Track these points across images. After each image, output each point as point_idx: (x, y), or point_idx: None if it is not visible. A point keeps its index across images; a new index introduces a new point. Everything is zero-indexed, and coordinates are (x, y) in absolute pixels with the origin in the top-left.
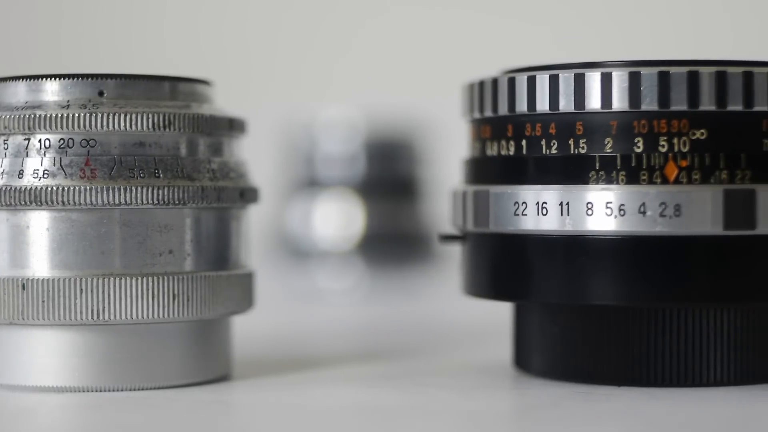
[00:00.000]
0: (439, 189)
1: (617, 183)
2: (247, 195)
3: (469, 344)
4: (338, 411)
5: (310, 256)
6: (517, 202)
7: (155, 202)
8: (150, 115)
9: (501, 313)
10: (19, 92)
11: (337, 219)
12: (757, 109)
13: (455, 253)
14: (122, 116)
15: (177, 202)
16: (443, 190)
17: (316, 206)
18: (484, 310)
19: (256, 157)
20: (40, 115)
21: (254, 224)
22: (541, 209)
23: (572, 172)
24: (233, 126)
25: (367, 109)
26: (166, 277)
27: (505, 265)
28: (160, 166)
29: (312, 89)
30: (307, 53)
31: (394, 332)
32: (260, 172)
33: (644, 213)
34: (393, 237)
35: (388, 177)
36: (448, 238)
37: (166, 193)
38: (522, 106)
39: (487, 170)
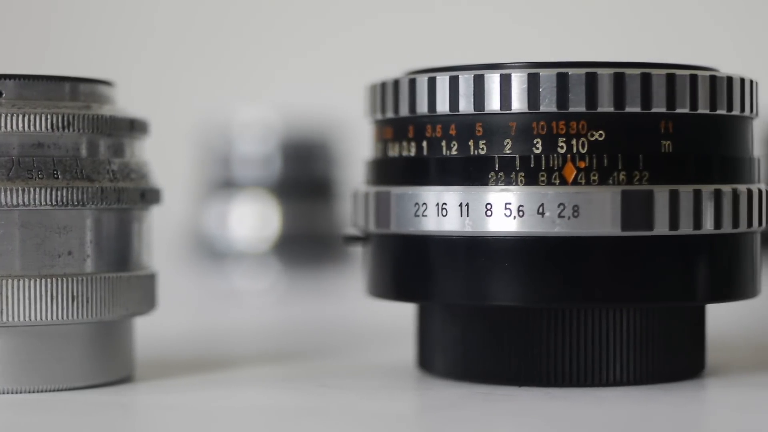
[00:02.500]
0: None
1: (516, 184)
2: (149, 196)
3: (375, 345)
4: (236, 412)
5: (226, 256)
6: (417, 203)
7: (54, 203)
8: (49, 116)
9: (410, 314)
10: None
11: (253, 220)
12: (654, 110)
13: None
14: (21, 117)
15: (76, 203)
16: None
17: (232, 207)
18: (394, 310)
19: (173, 158)
20: None
21: (170, 225)
22: (441, 210)
23: (472, 173)
24: (134, 127)
25: (283, 109)
26: (65, 279)
27: (407, 266)
28: (59, 167)
29: (228, 90)
30: (224, 54)
31: (306, 333)
32: (177, 172)
33: (543, 214)
34: (309, 238)
35: (303, 178)
36: (351, 239)
37: (65, 194)
38: (423, 108)
39: (388, 171)
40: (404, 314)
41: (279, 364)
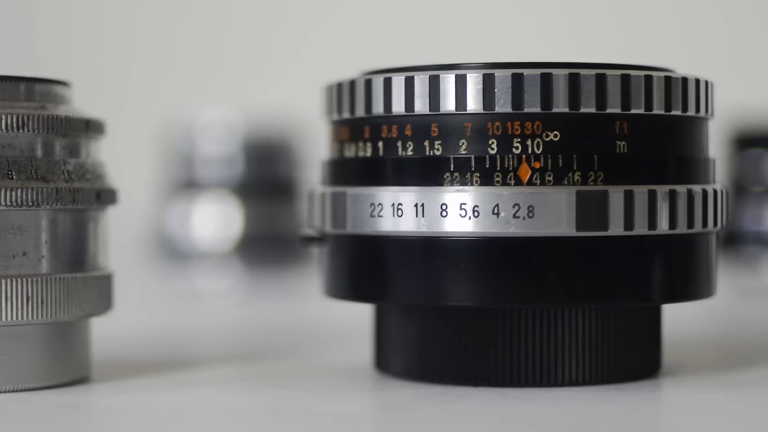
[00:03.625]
0: None
1: (471, 184)
2: (105, 196)
3: (334, 346)
4: (191, 414)
5: (189, 257)
6: (373, 204)
7: (8, 203)
8: (4, 116)
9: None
10: None
11: (216, 220)
12: (609, 111)
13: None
14: None
15: (31, 203)
16: None
17: (194, 207)
18: (355, 311)
19: (136, 158)
20: None
21: (134, 225)
22: (397, 211)
23: (427, 173)
24: (90, 127)
25: (246, 110)
26: (20, 279)
27: (363, 266)
28: (13, 167)
29: (191, 91)
30: (187, 55)
31: (266, 334)
32: (140, 173)
33: (498, 214)
34: (271, 238)
35: (266, 178)
36: (307, 239)
37: (19, 194)
38: (378, 108)
39: (344, 172)
40: (365, 315)
41: (236, 364)
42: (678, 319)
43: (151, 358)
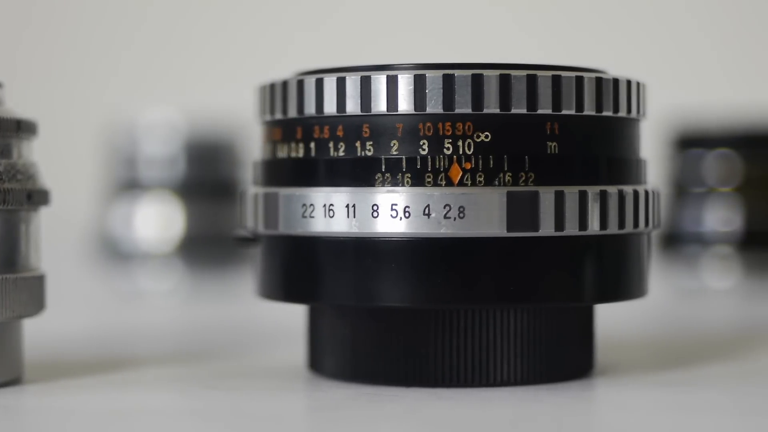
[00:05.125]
0: None
1: (403, 185)
2: (36, 197)
3: (271, 346)
4: (121, 415)
5: (131, 257)
6: (305, 205)
7: None
8: None
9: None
10: None
11: (157, 221)
12: (540, 112)
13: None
14: None
15: None
16: None
17: (137, 208)
18: (291, 311)
19: (79, 159)
20: None
21: (76, 226)
22: (329, 211)
23: (359, 174)
24: (21, 128)
25: (188, 110)
26: None
27: (295, 267)
28: None
29: (134, 91)
30: (129, 55)
31: (204, 335)
32: (82, 173)
33: (429, 215)
34: (213, 239)
35: (208, 179)
36: (241, 240)
37: None
38: (310, 109)
39: (277, 172)
40: (302, 315)
41: (171, 365)
42: (613, 319)
43: (87, 359)
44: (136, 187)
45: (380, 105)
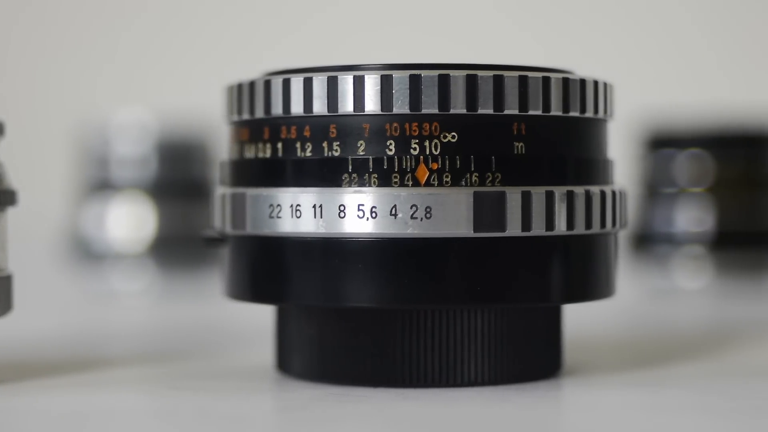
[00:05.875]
0: None
1: (369, 185)
2: (3, 198)
3: (240, 347)
4: (85, 415)
5: (103, 258)
6: (272, 205)
7: None
8: None
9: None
10: None
11: (129, 221)
12: (507, 112)
13: None
14: None
15: None
16: None
17: (109, 208)
18: (261, 312)
19: (52, 159)
20: None
21: (48, 226)
22: (296, 212)
23: (326, 174)
24: None
25: (160, 111)
26: None
27: (263, 267)
28: None
29: (104, 91)
30: (100, 55)
31: (174, 335)
32: (55, 174)
33: (396, 215)
34: (185, 239)
35: (180, 179)
36: (210, 240)
37: None
38: (277, 109)
39: (244, 173)
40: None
41: (140, 366)
42: (582, 319)
43: (57, 360)
44: (108, 187)
45: (347, 105)
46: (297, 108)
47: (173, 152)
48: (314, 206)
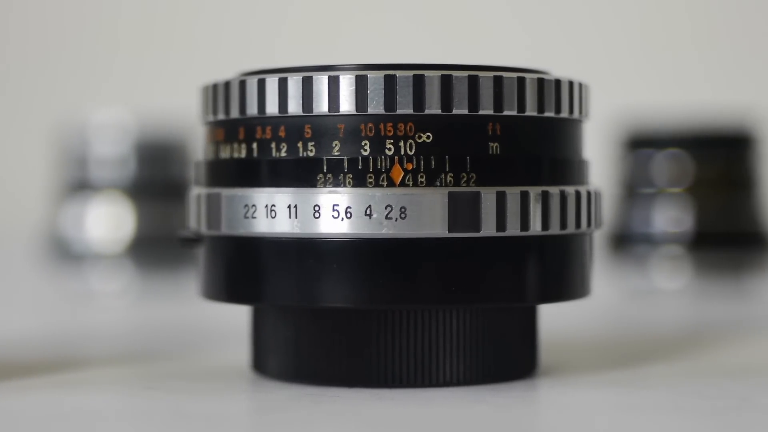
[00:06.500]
0: None
1: (344, 186)
2: None
3: (217, 347)
4: (57, 415)
5: (82, 258)
6: (247, 205)
7: None
8: None
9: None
10: None
11: (108, 221)
12: (482, 112)
13: None
14: None
15: None
16: None
17: (88, 209)
18: (237, 312)
19: (31, 159)
20: None
21: (27, 227)
22: (270, 212)
23: (301, 175)
24: None
25: (139, 111)
26: None
27: (238, 268)
28: None
29: (83, 92)
30: (78, 56)
31: (152, 335)
32: (35, 174)
33: (370, 216)
34: (164, 239)
35: (159, 179)
36: (186, 240)
37: None
38: (252, 109)
39: (219, 173)
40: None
41: (116, 366)
42: (559, 319)
43: (33, 360)
44: (87, 187)
45: (322, 106)
46: (272, 108)
47: (152, 152)
48: (289, 206)
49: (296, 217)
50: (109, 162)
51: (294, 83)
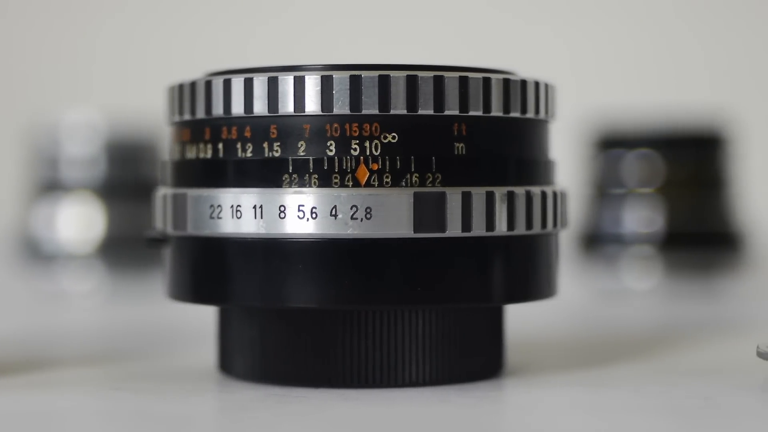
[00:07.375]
0: None
1: (310, 186)
2: None
3: (185, 348)
4: (22, 416)
5: (52, 258)
6: (213, 206)
7: None
8: None
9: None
10: None
11: (79, 221)
12: (448, 113)
13: None
14: None
15: None
16: None
17: (58, 209)
18: (206, 313)
19: (2, 160)
20: None
21: None
22: (236, 212)
23: (267, 175)
24: None
25: (109, 111)
26: None
27: (204, 268)
28: None
29: (54, 92)
30: (48, 56)
31: (120, 336)
32: (5, 174)
33: (336, 216)
34: (134, 240)
35: (129, 179)
36: (153, 241)
37: None
38: (218, 110)
39: (185, 173)
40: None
41: (83, 367)
42: (527, 319)
43: (2, 360)
44: (58, 187)
45: (287, 106)
46: (238, 108)
47: (122, 152)
48: (255, 207)
49: (262, 218)
50: (79, 162)
51: (260, 83)
